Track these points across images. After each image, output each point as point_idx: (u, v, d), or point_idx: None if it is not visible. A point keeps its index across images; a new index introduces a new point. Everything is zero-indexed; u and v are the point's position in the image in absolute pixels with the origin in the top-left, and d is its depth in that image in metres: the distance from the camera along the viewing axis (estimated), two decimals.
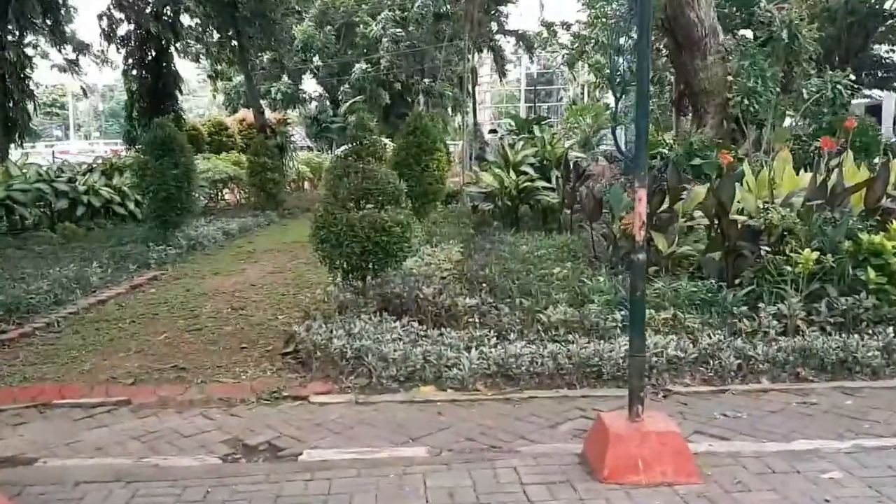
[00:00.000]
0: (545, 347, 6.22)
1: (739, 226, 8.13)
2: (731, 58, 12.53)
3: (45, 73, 22.53)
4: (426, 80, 34.55)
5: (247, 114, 28.38)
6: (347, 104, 37.78)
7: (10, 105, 17.79)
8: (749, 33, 13.49)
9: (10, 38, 17.33)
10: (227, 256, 12.87)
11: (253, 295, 9.59)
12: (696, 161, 12.10)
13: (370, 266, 7.35)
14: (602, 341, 6.35)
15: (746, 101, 11.63)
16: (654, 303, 7.33)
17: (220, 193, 20.58)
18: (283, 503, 3.93)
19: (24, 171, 14.62)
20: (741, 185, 9.52)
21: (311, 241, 7.49)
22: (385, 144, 7.59)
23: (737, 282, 7.77)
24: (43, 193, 13.90)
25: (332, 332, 6.67)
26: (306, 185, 26.11)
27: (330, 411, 5.57)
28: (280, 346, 7.26)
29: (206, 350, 7.19)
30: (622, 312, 6.87)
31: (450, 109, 38.42)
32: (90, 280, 9.88)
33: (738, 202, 8.48)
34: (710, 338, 6.37)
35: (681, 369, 6.11)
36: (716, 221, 8.37)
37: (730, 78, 12.56)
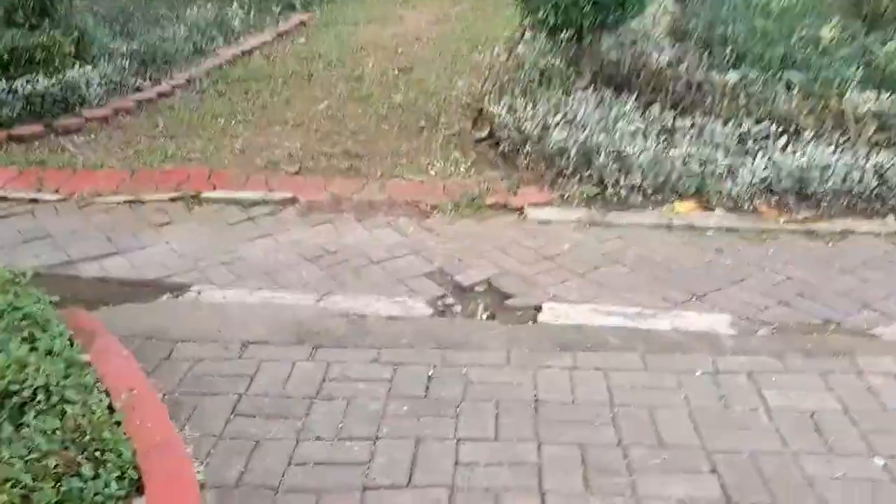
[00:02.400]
0: (864, 157, 4.34)
1: None
2: None
3: None
4: None
5: None
6: None
7: None
8: None
9: None
10: None
11: (419, 52, 7.87)
12: None
13: (592, 20, 5.37)
14: None
15: None
16: None
17: None
18: (549, 415, 2.57)
19: None
20: None
21: None
22: None
23: None
24: None
25: (542, 114, 5.00)
26: None
27: (557, 235, 4.08)
28: (468, 126, 5.69)
29: (377, 128, 5.73)
30: None
31: None
32: (231, 25, 8.40)
33: None
34: None
35: None
36: None
37: None
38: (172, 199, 4.60)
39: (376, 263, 3.81)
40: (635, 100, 5.23)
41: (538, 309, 3.34)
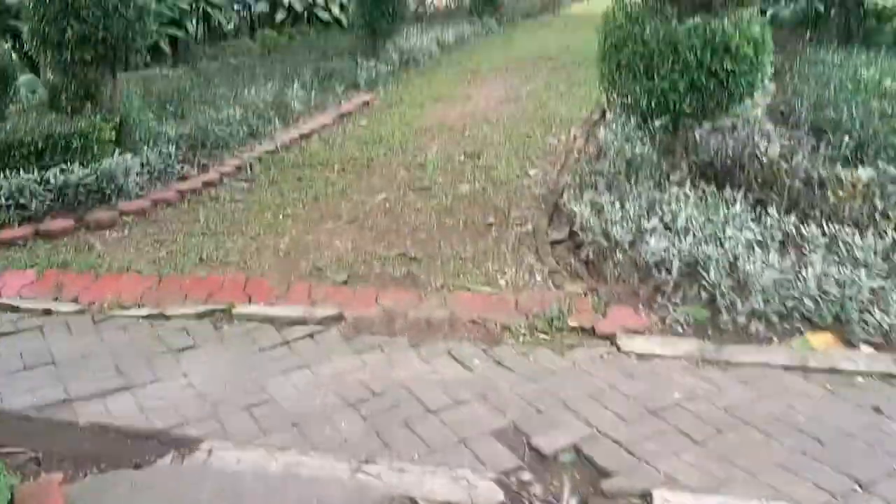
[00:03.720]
0: None
1: None
2: None
3: None
4: None
5: None
6: None
7: None
8: None
9: None
10: (446, 76, 10.49)
11: (488, 133, 7.23)
12: None
13: (696, 109, 4.60)
14: None
15: None
16: None
17: None
18: None
19: None
20: None
21: (600, 67, 4.85)
22: None
23: None
24: None
25: (634, 215, 4.22)
26: None
27: (663, 377, 3.24)
28: (543, 224, 4.94)
29: (440, 225, 5.03)
30: None
31: None
32: (291, 106, 7.97)
33: None
34: None
35: None
36: None
37: None
38: (199, 316, 3.95)
39: (433, 413, 3.03)
40: (742, 198, 4.43)
41: (647, 498, 2.49)
